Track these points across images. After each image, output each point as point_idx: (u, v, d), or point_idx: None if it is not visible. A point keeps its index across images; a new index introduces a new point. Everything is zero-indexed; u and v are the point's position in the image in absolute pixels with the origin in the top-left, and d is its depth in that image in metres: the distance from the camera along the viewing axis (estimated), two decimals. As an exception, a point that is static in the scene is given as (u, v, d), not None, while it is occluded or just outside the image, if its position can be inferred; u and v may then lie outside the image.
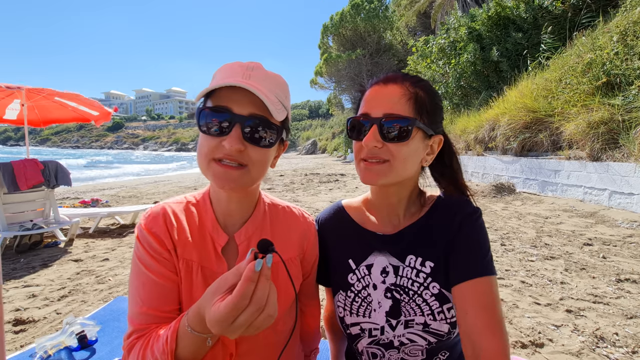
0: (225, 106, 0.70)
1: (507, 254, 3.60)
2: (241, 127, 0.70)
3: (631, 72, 5.38)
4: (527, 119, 7.05)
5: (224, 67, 0.76)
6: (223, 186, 0.72)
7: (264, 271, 0.55)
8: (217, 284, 0.59)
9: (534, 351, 1.97)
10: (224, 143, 0.69)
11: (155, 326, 0.72)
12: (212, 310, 0.56)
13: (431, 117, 0.82)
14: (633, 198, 4.76)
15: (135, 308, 0.74)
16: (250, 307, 0.54)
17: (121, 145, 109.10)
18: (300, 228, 0.91)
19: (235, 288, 0.54)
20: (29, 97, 4.99)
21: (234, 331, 0.55)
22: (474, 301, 0.73)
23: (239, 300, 0.53)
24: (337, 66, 24.11)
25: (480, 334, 0.70)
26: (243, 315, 0.54)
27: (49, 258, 3.95)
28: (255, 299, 0.54)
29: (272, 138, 0.74)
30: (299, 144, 48.59)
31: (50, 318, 2.52)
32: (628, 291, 2.65)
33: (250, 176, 0.74)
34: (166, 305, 0.74)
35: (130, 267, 0.78)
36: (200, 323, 0.62)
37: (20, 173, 4.16)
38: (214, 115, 0.70)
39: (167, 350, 0.65)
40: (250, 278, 0.54)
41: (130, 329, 0.74)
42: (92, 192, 9.82)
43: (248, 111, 0.71)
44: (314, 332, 1.04)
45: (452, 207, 0.87)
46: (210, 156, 0.71)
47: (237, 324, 0.54)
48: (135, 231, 0.80)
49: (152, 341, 0.69)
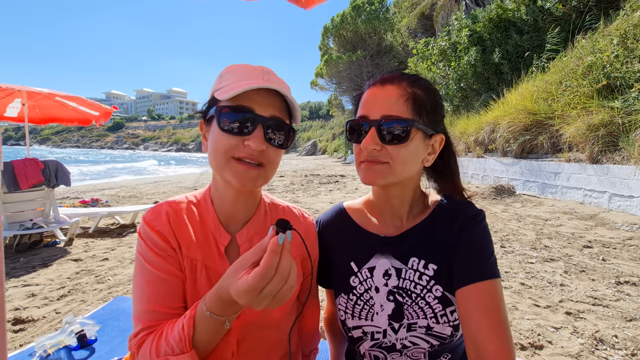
0: (248, 107, 0.73)
1: (506, 256, 3.60)
2: (263, 128, 0.73)
3: (631, 75, 5.39)
4: (527, 121, 7.06)
5: (236, 69, 0.77)
6: (243, 185, 0.74)
7: (286, 245, 0.59)
8: (237, 264, 0.62)
9: (534, 353, 1.97)
10: (248, 143, 0.72)
11: (167, 322, 0.72)
12: (239, 282, 0.59)
13: (431, 116, 0.81)
14: (633, 201, 4.76)
15: (142, 306, 0.74)
16: (276, 277, 0.58)
17: (121, 145, 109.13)
18: (301, 228, 0.91)
19: (262, 260, 0.58)
20: (30, 97, 5.01)
21: (261, 301, 0.58)
22: (478, 304, 0.73)
23: (267, 270, 0.57)
24: (337, 67, 24.13)
25: (485, 337, 0.69)
26: (270, 285, 0.57)
27: (48, 257, 3.95)
28: (280, 269, 0.58)
29: (288, 139, 0.78)
30: (299, 145, 48.60)
31: (49, 317, 2.52)
32: (628, 294, 2.65)
33: (266, 176, 0.77)
34: (173, 302, 0.75)
35: (134, 266, 0.78)
36: (220, 304, 0.64)
37: (21, 172, 4.16)
38: (236, 115, 0.72)
39: (184, 336, 0.66)
40: (274, 250, 0.57)
41: (137, 328, 0.73)
42: (92, 192, 9.83)
43: (269, 113, 0.74)
44: (314, 332, 1.04)
45: (455, 209, 0.86)
46: (229, 154, 0.73)
47: (264, 294, 0.58)
48: (138, 229, 0.79)
49: (166, 331, 0.69)
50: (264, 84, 0.71)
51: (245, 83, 0.71)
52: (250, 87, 0.70)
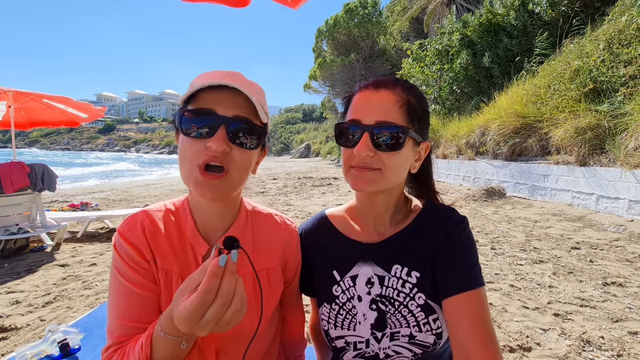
0: (209, 108, 0.69)
1: (497, 258, 3.63)
2: (226, 128, 0.69)
3: (617, 79, 5.51)
4: (517, 124, 7.16)
5: (202, 75, 0.75)
6: (204, 195, 0.70)
7: (229, 266, 0.55)
8: (184, 285, 0.59)
9: (522, 355, 1.98)
10: (209, 144, 0.68)
11: (134, 339, 0.71)
12: (179, 308, 0.55)
13: (421, 123, 0.81)
14: (619, 202, 4.85)
15: (114, 320, 0.72)
16: (216, 301, 0.54)
17: (112, 147, 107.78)
18: (282, 235, 0.90)
19: (201, 284, 0.54)
20: (16, 99, 4.91)
21: (203, 328, 0.55)
22: (466, 314, 0.73)
23: (205, 295, 0.53)
24: (331, 70, 24.19)
25: (474, 347, 0.70)
26: (210, 310, 0.54)
27: (34, 263, 3.86)
28: (221, 293, 0.54)
29: (256, 140, 0.74)
30: (292, 147, 48.53)
31: (33, 325, 2.46)
32: (614, 295, 2.69)
33: (232, 182, 0.73)
34: (146, 317, 0.73)
35: (109, 278, 0.76)
36: (173, 326, 0.61)
37: (6, 176, 4.07)
38: (197, 118, 0.69)
39: (142, 356, 0.64)
40: (214, 273, 0.53)
41: (108, 342, 0.72)
42: (82, 195, 9.66)
43: (232, 113, 0.70)
44: (299, 339, 1.03)
45: (438, 216, 0.85)
46: (195, 161, 0.69)
47: (205, 320, 0.54)
48: (113, 241, 0.77)
49: (129, 349, 0.68)
50: (227, 80, 0.69)
51: (206, 82, 0.69)
52: (202, 85, 0.67)
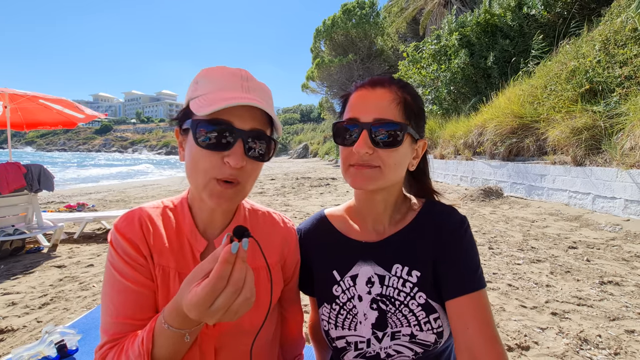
0: (227, 120, 0.67)
1: (494, 258, 3.64)
2: (243, 142, 0.68)
3: (612, 80, 5.55)
4: (514, 124, 7.20)
5: (211, 74, 0.72)
6: (220, 205, 0.70)
7: (240, 254, 0.55)
8: (193, 274, 0.59)
9: (520, 354, 1.99)
10: (227, 160, 0.67)
11: (131, 335, 0.70)
12: (189, 295, 0.55)
13: (418, 121, 0.81)
14: (615, 202, 4.89)
15: (109, 318, 0.71)
16: (227, 288, 0.54)
17: (109, 148, 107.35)
18: (281, 234, 0.90)
19: (212, 270, 0.54)
20: (13, 100, 4.88)
21: (213, 315, 0.54)
22: (472, 316, 0.73)
23: (216, 281, 0.53)
24: (329, 71, 24.22)
25: (481, 349, 0.70)
26: (221, 297, 0.54)
27: (30, 264, 3.83)
28: (232, 280, 0.54)
29: (269, 151, 0.74)
30: (290, 147, 48.53)
31: (30, 327, 2.44)
32: (611, 293, 2.70)
33: (244, 192, 0.73)
34: (142, 314, 0.72)
35: (104, 276, 0.75)
36: (178, 317, 0.61)
37: (2, 177, 4.04)
38: (214, 130, 0.67)
39: (142, 351, 0.63)
40: (226, 260, 0.53)
41: (103, 340, 0.71)
42: (79, 196, 9.60)
43: (249, 126, 0.69)
44: (297, 338, 1.03)
45: (439, 215, 0.85)
46: (211, 174, 0.68)
47: (215, 307, 0.54)
48: (109, 236, 0.76)
49: (127, 345, 0.67)
50: (244, 96, 0.68)
51: (224, 95, 0.67)
52: (227, 105, 0.65)
